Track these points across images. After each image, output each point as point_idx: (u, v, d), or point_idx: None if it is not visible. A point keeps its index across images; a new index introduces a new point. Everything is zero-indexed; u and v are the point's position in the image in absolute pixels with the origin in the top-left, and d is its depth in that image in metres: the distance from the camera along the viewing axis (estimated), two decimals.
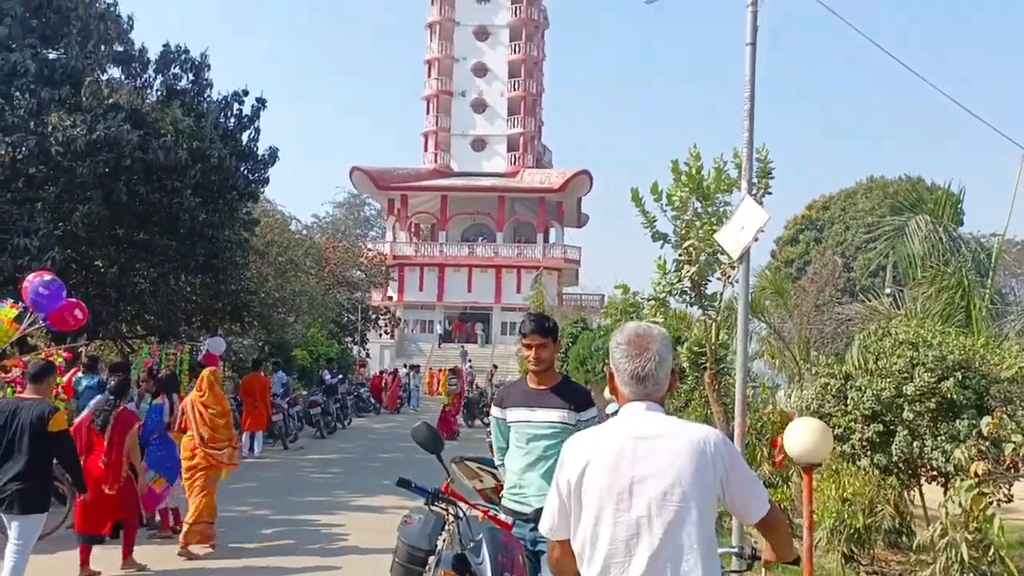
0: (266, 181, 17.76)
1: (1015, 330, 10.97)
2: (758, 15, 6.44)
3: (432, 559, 4.94)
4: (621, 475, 2.46)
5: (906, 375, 7.95)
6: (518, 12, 60.54)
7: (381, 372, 35.36)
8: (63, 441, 6.38)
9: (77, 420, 8.59)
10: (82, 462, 7.12)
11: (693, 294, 9.53)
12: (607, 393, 10.01)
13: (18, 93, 13.79)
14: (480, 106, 60.92)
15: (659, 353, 2.59)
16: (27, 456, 6.12)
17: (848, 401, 8.32)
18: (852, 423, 8.23)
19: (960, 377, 7.75)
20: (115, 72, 15.94)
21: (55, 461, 6.48)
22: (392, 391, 31.06)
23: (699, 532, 2.41)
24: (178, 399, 9.65)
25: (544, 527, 2.66)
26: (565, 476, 2.56)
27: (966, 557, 5.75)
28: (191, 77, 16.35)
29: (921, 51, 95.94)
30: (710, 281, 9.55)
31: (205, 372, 9.22)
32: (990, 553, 5.81)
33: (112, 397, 8.18)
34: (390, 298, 54.56)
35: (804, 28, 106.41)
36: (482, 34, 61.24)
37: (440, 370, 40.02)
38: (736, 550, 4.06)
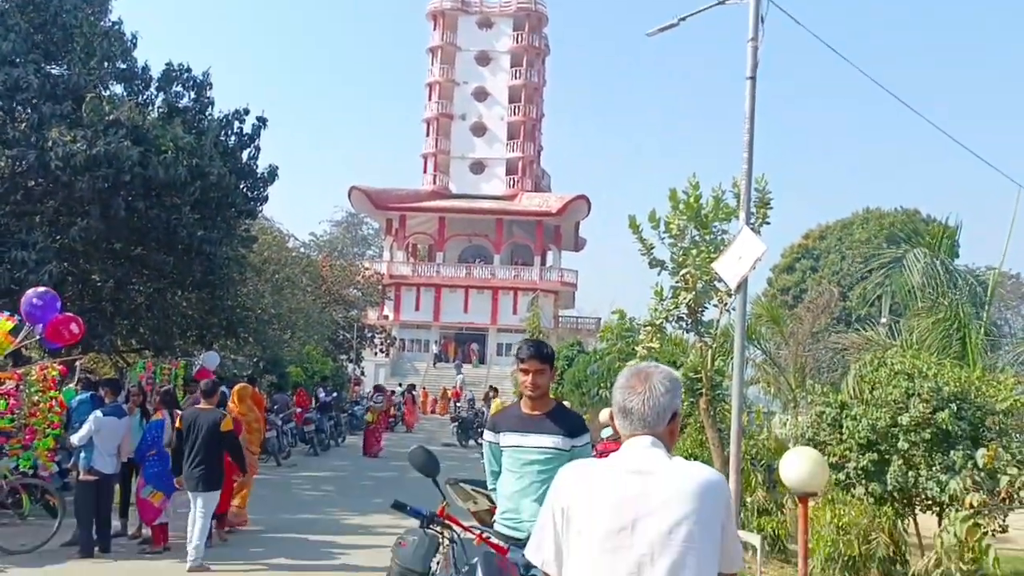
0: (265, 199, 17.80)
1: (1009, 362, 11.01)
2: (758, 50, 6.52)
3: None
4: (622, 511, 2.39)
5: (901, 405, 7.97)
6: (520, 39, 60.97)
7: (390, 392, 34.92)
8: (231, 438, 8.79)
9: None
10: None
11: (690, 320, 9.57)
12: (602, 417, 10.01)
13: (20, 107, 13.86)
14: (480, 129, 61.18)
15: (653, 388, 2.51)
16: (206, 450, 8.44)
17: (843, 430, 8.32)
18: (847, 452, 8.23)
19: (955, 408, 7.77)
20: (117, 89, 16.00)
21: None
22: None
23: (701, 573, 2.35)
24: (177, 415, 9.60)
25: (536, 556, 2.54)
26: (560, 504, 2.48)
27: None
28: (193, 95, 16.43)
29: (921, 80, 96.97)
30: (707, 308, 9.60)
31: (237, 387, 11.18)
32: None
33: None
34: (386, 317, 54.49)
35: (803, 58, 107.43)
36: (483, 59, 61.62)
37: (445, 389, 40.18)
38: None
